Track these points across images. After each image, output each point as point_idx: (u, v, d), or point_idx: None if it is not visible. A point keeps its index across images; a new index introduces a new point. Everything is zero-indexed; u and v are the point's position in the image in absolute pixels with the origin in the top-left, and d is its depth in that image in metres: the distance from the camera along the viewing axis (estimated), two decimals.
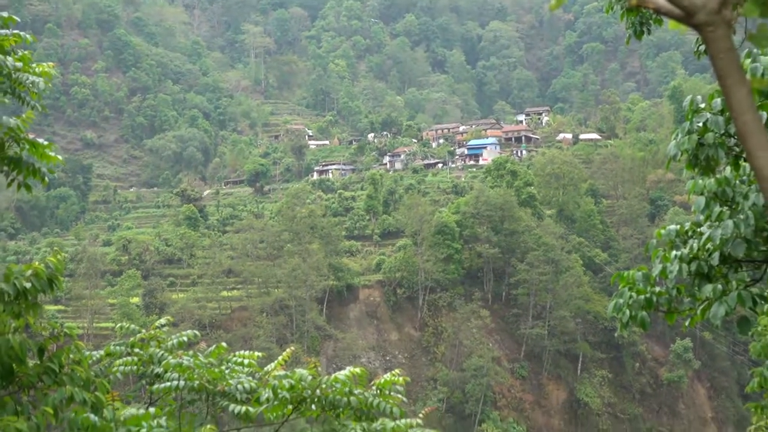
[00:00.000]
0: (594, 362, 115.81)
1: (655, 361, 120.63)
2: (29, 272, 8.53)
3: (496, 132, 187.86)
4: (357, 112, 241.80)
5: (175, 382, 10.50)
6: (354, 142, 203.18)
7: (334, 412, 10.31)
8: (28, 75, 10.91)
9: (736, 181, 10.83)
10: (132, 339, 11.34)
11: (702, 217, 11.01)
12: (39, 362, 8.60)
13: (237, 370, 11.09)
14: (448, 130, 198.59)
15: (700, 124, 10.57)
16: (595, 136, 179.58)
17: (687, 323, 11.37)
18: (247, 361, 11.36)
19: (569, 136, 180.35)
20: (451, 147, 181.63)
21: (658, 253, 11.10)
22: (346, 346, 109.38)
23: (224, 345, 11.79)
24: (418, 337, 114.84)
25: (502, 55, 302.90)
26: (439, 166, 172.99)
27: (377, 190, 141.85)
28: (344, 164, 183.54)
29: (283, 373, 10.68)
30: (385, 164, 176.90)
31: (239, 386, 10.65)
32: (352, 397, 10.20)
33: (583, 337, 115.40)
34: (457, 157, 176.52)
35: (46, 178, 11.37)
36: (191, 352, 11.13)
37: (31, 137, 11.13)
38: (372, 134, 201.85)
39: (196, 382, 10.54)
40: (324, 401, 10.28)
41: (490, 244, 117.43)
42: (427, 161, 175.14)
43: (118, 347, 11.22)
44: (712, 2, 3.61)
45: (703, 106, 10.82)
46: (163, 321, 11.81)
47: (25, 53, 11.06)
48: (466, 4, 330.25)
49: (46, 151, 11.15)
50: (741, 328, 10.89)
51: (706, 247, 10.58)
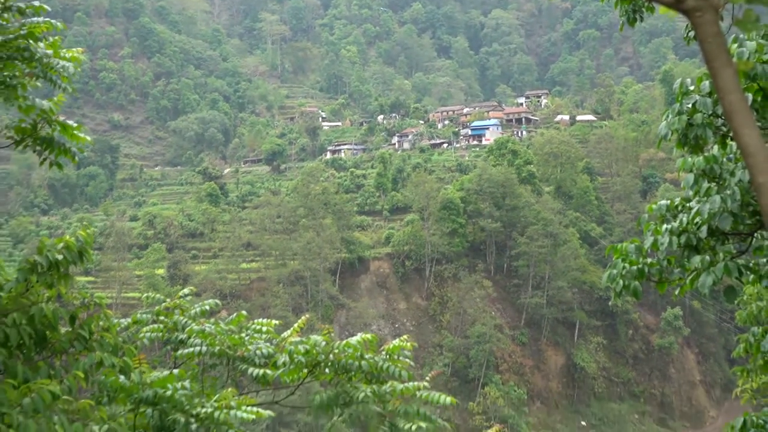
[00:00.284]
0: (590, 329, 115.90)
1: (647, 328, 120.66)
2: (61, 245, 8.57)
3: (498, 114, 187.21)
4: (367, 96, 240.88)
5: (198, 348, 10.53)
6: (364, 124, 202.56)
7: (346, 375, 10.33)
8: (58, 60, 10.91)
9: (723, 159, 10.83)
10: (157, 308, 11.37)
11: (691, 193, 11.02)
12: (70, 329, 8.64)
13: (255, 336, 11.10)
14: (453, 112, 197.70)
15: (690, 106, 10.54)
16: (591, 117, 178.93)
17: (677, 292, 11.39)
18: (265, 329, 11.36)
19: (566, 117, 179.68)
20: (456, 128, 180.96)
21: (650, 226, 11.10)
22: (357, 315, 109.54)
23: (244, 313, 11.81)
24: (424, 306, 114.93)
25: (503, 42, 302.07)
26: (445, 146, 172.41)
27: (386, 168, 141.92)
28: (355, 144, 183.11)
29: (298, 339, 10.72)
30: (394, 144, 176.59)
31: (257, 351, 10.68)
32: (363, 362, 10.22)
33: (580, 306, 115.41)
34: (462, 138, 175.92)
35: (76, 158, 11.41)
36: (213, 320, 11.15)
37: (62, 119, 11.16)
38: (381, 116, 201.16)
39: (218, 348, 10.57)
40: (337, 365, 10.31)
41: (492, 219, 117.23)
42: (433, 141, 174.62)
43: (145, 315, 11.24)
44: None
45: (692, 88, 10.80)
46: (187, 291, 11.83)
47: (55, 39, 11.06)
48: None
49: (75, 132, 11.19)
50: (728, 297, 10.90)
51: (695, 221, 10.58)
